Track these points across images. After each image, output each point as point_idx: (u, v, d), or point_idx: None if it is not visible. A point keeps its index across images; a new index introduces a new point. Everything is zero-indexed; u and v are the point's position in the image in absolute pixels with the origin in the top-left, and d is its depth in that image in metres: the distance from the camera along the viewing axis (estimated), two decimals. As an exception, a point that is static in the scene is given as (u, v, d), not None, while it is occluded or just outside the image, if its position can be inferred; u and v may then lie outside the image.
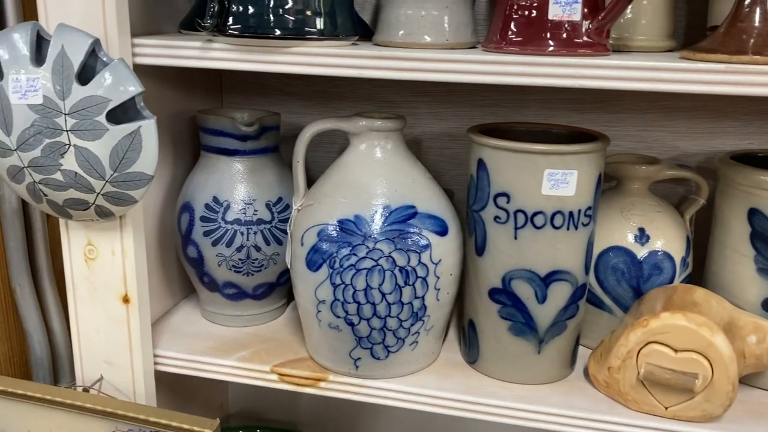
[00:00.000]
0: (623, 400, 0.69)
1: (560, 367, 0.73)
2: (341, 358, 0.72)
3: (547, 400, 0.69)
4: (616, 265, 0.75)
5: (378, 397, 0.72)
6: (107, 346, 0.73)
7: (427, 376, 0.73)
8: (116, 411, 0.68)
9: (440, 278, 0.70)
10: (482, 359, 0.74)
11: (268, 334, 0.81)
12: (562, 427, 0.68)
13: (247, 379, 0.75)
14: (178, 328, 0.82)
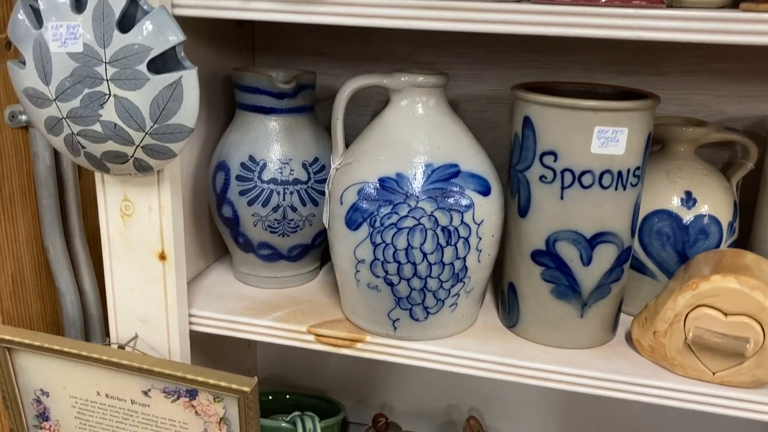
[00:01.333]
0: (669, 365, 0.67)
1: (602, 331, 0.72)
2: (379, 319, 0.71)
3: (590, 364, 0.68)
4: (661, 229, 0.73)
5: (416, 359, 0.71)
6: (142, 305, 0.72)
7: (465, 339, 0.72)
8: (153, 368, 0.68)
9: (482, 239, 0.68)
10: (522, 323, 0.72)
11: (302, 296, 0.80)
12: (606, 391, 0.67)
13: (283, 339, 0.74)
14: (212, 289, 0.81)
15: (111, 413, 0.73)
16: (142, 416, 0.72)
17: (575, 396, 1.01)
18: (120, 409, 0.72)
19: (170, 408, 0.71)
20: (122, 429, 0.74)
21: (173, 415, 0.71)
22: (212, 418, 0.70)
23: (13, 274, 0.79)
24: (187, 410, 0.70)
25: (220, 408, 0.69)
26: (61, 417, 0.75)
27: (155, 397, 0.70)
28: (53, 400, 0.74)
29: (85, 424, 0.75)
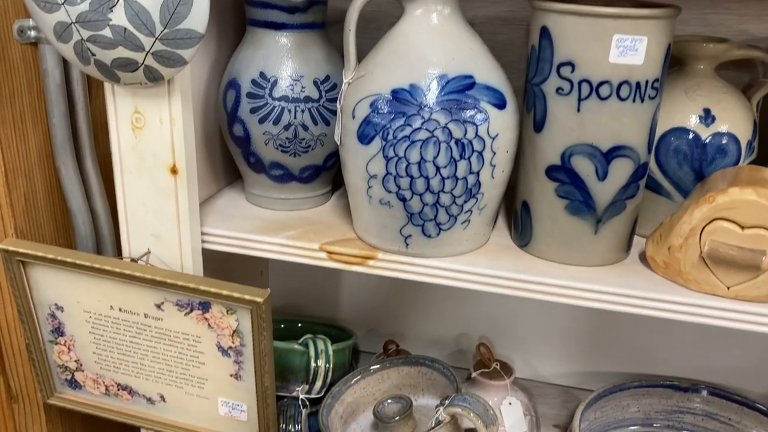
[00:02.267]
0: (683, 280, 0.67)
1: (616, 249, 0.71)
2: (391, 236, 0.71)
3: (603, 280, 0.68)
4: (678, 147, 0.72)
5: (428, 276, 0.71)
6: (154, 219, 0.72)
7: (478, 257, 0.72)
8: (165, 280, 0.68)
9: (496, 154, 0.67)
10: (535, 241, 0.72)
11: (314, 218, 0.80)
12: (620, 306, 0.67)
13: (295, 257, 0.74)
14: (224, 210, 0.81)
15: (124, 327, 0.74)
16: (155, 330, 0.73)
17: (585, 326, 1.01)
18: (133, 324, 0.73)
19: (183, 321, 0.71)
20: (136, 343, 0.74)
21: (186, 329, 0.71)
22: (225, 331, 0.70)
23: (26, 192, 0.79)
24: (200, 323, 0.71)
25: (233, 320, 0.69)
26: (76, 332, 0.76)
27: (168, 310, 0.71)
28: (67, 314, 0.75)
29: (99, 338, 0.75)
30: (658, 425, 0.94)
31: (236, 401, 0.75)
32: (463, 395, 0.79)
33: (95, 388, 0.79)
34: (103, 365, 0.77)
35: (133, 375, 0.77)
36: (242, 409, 0.75)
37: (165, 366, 0.75)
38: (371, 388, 0.92)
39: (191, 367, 0.74)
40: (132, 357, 0.75)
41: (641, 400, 0.94)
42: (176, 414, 0.78)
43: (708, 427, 0.93)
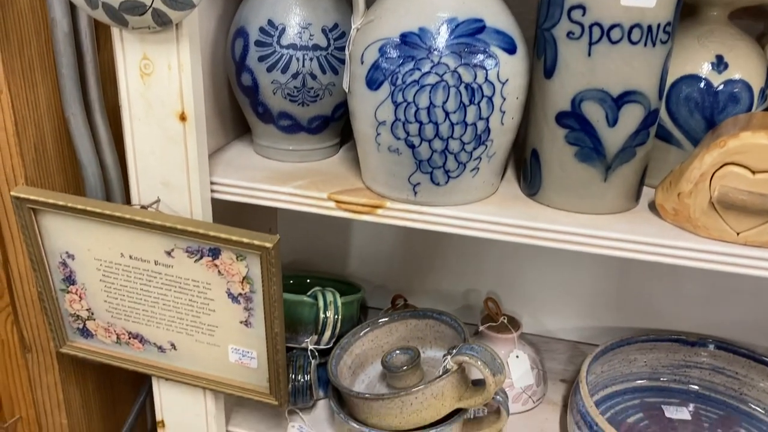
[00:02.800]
0: (692, 226, 0.66)
1: (625, 198, 0.71)
2: (400, 184, 0.71)
3: (612, 227, 0.68)
4: (689, 95, 0.71)
5: (436, 224, 0.71)
6: (164, 167, 0.72)
7: (486, 206, 0.72)
8: (175, 226, 0.68)
9: (506, 100, 0.67)
10: (544, 189, 0.72)
11: (323, 169, 0.80)
12: (628, 253, 0.67)
13: (304, 207, 0.74)
14: (233, 161, 0.81)
15: (135, 275, 0.74)
16: (166, 277, 0.73)
17: (592, 281, 1.01)
18: (144, 271, 0.74)
19: (193, 268, 0.72)
20: (146, 291, 0.75)
21: (196, 276, 0.72)
22: (235, 278, 0.71)
23: (36, 143, 0.79)
24: (210, 270, 0.71)
25: (242, 267, 0.70)
26: (87, 280, 0.76)
27: (178, 257, 0.71)
28: (78, 263, 0.75)
29: (110, 286, 0.76)
30: (665, 379, 0.95)
31: (246, 348, 0.75)
32: (470, 344, 0.79)
33: (107, 337, 0.80)
34: (114, 314, 0.78)
35: (144, 323, 0.77)
36: (252, 356, 0.76)
37: (175, 314, 0.75)
38: (379, 341, 0.93)
39: (201, 315, 0.74)
40: (143, 305, 0.76)
41: (648, 354, 0.95)
42: (187, 362, 0.79)
43: (715, 381, 0.94)
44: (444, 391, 0.79)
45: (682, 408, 0.92)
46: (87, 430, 0.95)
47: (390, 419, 0.79)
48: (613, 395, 0.93)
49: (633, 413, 0.90)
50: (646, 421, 0.89)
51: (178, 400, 0.84)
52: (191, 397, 0.83)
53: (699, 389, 0.94)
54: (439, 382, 0.78)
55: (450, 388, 0.79)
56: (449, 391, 0.80)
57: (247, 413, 0.90)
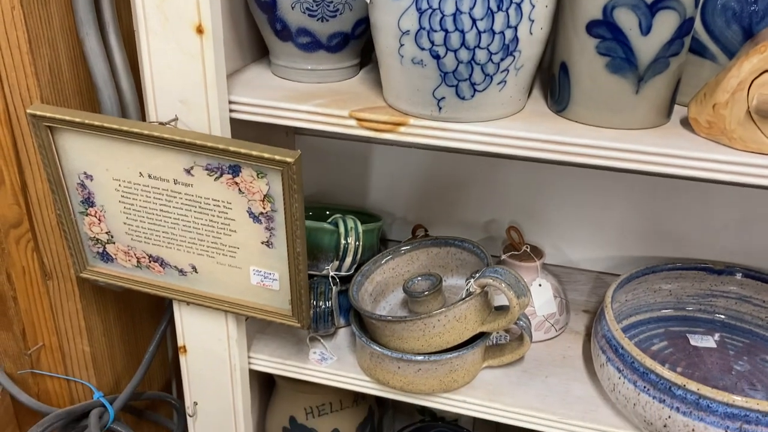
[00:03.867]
0: (727, 139, 0.64)
1: (657, 112, 0.68)
2: (423, 99, 0.68)
3: (642, 140, 0.65)
4: (726, 4, 0.68)
5: (461, 141, 0.69)
6: (181, 83, 0.70)
7: (513, 122, 0.69)
8: (195, 141, 0.67)
9: (535, 7, 0.64)
10: (574, 104, 0.69)
11: (343, 89, 0.78)
12: (660, 167, 0.65)
13: (325, 125, 0.72)
14: (251, 81, 0.79)
15: (154, 195, 0.73)
16: (186, 197, 0.72)
17: (618, 210, 0.99)
18: (163, 191, 0.73)
19: (213, 187, 0.70)
20: (166, 212, 0.74)
21: (216, 194, 0.71)
22: (256, 196, 0.70)
23: (50, 62, 0.77)
24: (230, 188, 0.70)
25: (263, 184, 0.69)
26: (106, 201, 0.76)
27: (198, 175, 0.70)
28: (97, 183, 0.74)
29: (129, 208, 0.75)
30: (691, 309, 0.94)
31: (268, 270, 0.75)
32: (494, 267, 0.78)
33: (127, 261, 0.80)
34: (134, 236, 0.77)
35: (164, 245, 0.77)
36: (274, 278, 0.75)
37: (196, 235, 0.74)
38: (400, 269, 0.92)
39: (222, 236, 0.74)
40: (162, 227, 0.75)
41: (674, 283, 0.93)
42: (208, 285, 0.78)
43: (741, 310, 0.92)
44: (467, 315, 0.78)
45: (707, 337, 0.91)
46: (109, 357, 0.96)
47: (412, 342, 0.79)
48: (637, 324, 0.92)
49: (657, 341, 0.89)
50: (671, 349, 0.88)
51: (199, 324, 0.84)
52: (213, 321, 0.83)
53: (725, 318, 0.93)
54: (462, 305, 0.77)
55: (473, 311, 0.79)
56: (472, 314, 0.79)
57: (269, 340, 0.90)
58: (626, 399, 0.75)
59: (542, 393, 0.82)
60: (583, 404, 0.81)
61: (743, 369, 0.85)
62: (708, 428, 0.69)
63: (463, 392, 0.82)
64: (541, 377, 0.85)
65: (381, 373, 0.82)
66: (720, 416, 0.68)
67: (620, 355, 0.76)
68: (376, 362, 0.82)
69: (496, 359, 0.85)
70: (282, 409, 0.99)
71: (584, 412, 0.80)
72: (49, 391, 0.96)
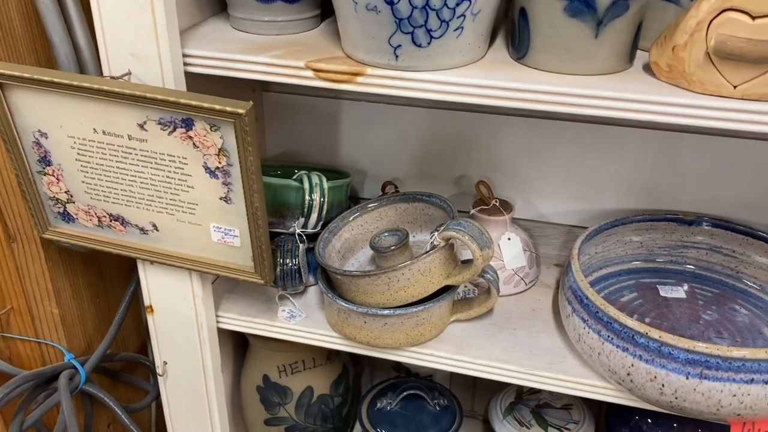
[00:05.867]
0: (687, 82, 0.63)
1: (618, 57, 0.67)
2: (380, 48, 0.67)
3: (602, 85, 0.64)
4: (689, -56, 0.67)
5: (419, 90, 0.68)
6: (132, 36, 0.68)
7: (472, 70, 0.68)
8: (145, 94, 0.65)
9: (490, -51, 0.62)
10: (533, 51, 0.68)
11: (301, 41, 0.76)
12: (620, 112, 0.63)
13: (280, 77, 0.71)
14: (208, 35, 0.77)
15: (110, 152, 0.72)
16: (141, 153, 0.71)
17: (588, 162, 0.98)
18: (118, 147, 0.71)
19: (167, 141, 0.69)
20: (123, 169, 0.73)
21: (172, 150, 0.70)
22: (211, 150, 0.68)
23: (1, 20, 0.75)
24: (184, 143, 0.69)
25: (217, 138, 0.67)
26: (62, 160, 0.74)
27: (151, 130, 0.69)
28: (52, 141, 0.73)
29: (86, 166, 0.74)
30: (661, 260, 0.93)
31: (228, 226, 0.74)
32: (458, 220, 0.78)
33: (88, 220, 0.79)
34: (93, 195, 0.76)
35: (124, 204, 0.76)
36: (235, 234, 0.74)
37: (154, 192, 0.73)
38: (369, 226, 0.92)
39: (180, 192, 0.73)
40: (120, 184, 0.74)
41: (644, 234, 0.93)
42: (170, 243, 0.78)
43: (712, 260, 0.92)
44: (431, 268, 0.78)
45: (677, 287, 0.90)
46: (79, 319, 0.96)
47: (377, 296, 0.78)
48: (607, 276, 0.92)
49: (627, 293, 0.89)
50: (640, 300, 0.88)
51: (164, 284, 0.83)
52: (178, 280, 0.82)
53: (695, 269, 0.92)
54: (426, 258, 0.77)
55: (437, 264, 0.78)
56: (437, 267, 0.78)
57: (238, 299, 0.90)
58: (591, 349, 0.75)
59: (510, 345, 0.82)
60: (550, 355, 0.81)
61: (711, 318, 0.85)
62: (669, 375, 0.69)
63: (430, 345, 0.82)
64: (510, 330, 0.85)
65: (348, 328, 0.81)
66: (681, 363, 0.68)
67: (585, 306, 0.75)
68: (343, 318, 0.81)
69: (464, 313, 0.85)
70: (255, 367, 0.99)
71: (551, 363, 0.80)
72: (21, 354, 0.96)
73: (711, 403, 0.69)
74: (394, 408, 0.95)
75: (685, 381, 0.68)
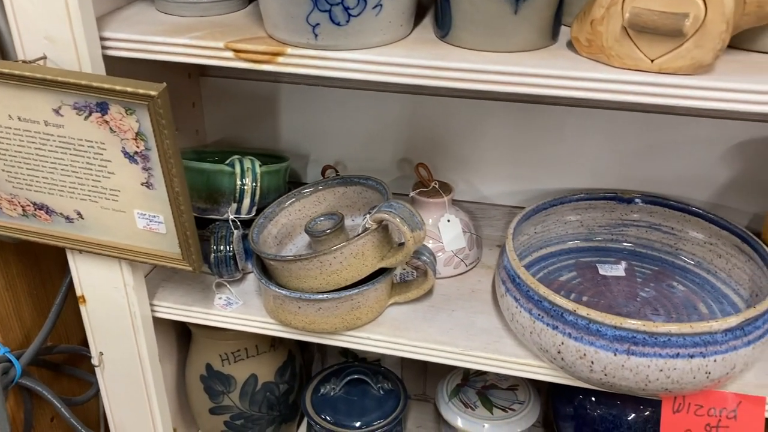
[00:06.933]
0: (605, 56, 0.62)
1: (539, 33, 0.66)
2: (299, 27, 0.66)
3: (522, 62, 0.63)
4: None
5: (339, 70, 0.67)
6: (45, 19, 0.66)
7: (394, 48, 0.67)
8: (56, 78, 0.64)
9: (404, -76, 0.61)
10: (455, 28, 0.67)
11: (226, 22, 0.75)
12: (538, 89, 0.63)
13: (200, 58, 0.69)
14: (130, 18, 0.75)
15: (28, 139, 0.70)
16: (59, 139, 0.69)
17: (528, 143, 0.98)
18: (35, 134, 0.69)
19: (84, 127, 0.67)
20: (42, 156, 0.71)
21: (89, 135, 0.68)
22: (128, 134, 0.67)
23: None
24: (101, 127, 0.67)
25: (133, 122, 0.66)
26: (-20, 148, 0.72)
27: (67, 115, 0.67)
28: (-33, 129, 0.71)
29: (5, 153, 0.72)
30: (601, 239, 0.93)
31: (152, 213, 0.72)
32: (389, 202, 0.77)
33: (12, 210, 0.77)
34: (15, 183, 0.74)
35: (47, 192, 0.74)
36: (159, 220, 0.73)
37: (75, 179, 0.72)
38: (307, 210, 0.91)
39: (102, 178, 0.71)
40: (41, 172, 0.72)
41: (584, 213, 0.93)
42: (96, 231, 0.76)
43: (651, 238, 0.92)
44: (364, 251, 0.77)
45: (617, 266, 0.90)
46: (15, 312, 0.94)
47: (310, 281, 0.77)
48: (547, 256, 0.91)
49: (566, 272, 0.89)
50: (579, 279, 0.88)
51: (95, 273, 0.82)
52: (107, 269, 0.81)
53: (635, 247, 0.92)
54: (359, 241, 0.76)
55: (370, 247, 0.77)
56: (370, 250, 0.78)
57: (174, 288, 0.89)
58: (523, 328, 0.75)
59: (447, 326, 0.82)
60: (487, 335, 0.81)
61: (648, 295, 0.85)
62: (598, 352, 0.69)
63: (367, 329, 0.82)
64: (448, 311, 0.85)
65: (283, 314, 0.81)
66: (609, 339, 0.68)
67: (517, 285, 0.75)
68: (279, 304, 0.80)
69: (402, 295, 0.84)
70: (198, 357, 0.98)
71: (486, 343, 0.79)
72: (-44, 349, 0.94)
73: (639, 378, 0.69)
74: (338, 393, 0.95)
75: (613, 357, 0.68)
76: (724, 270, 0.86)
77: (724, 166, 0.93)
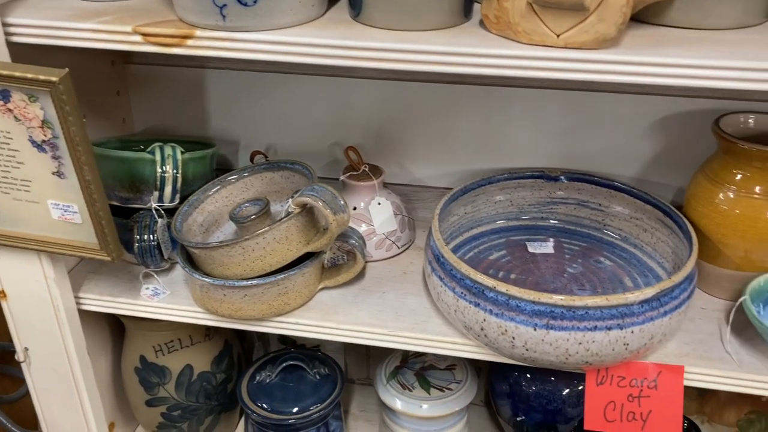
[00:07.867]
0: (513, 33, 0.63)
1: (451, 12, 0.66)
2: (206, 8, 0.64)
3: (432, 40, 0.63)
4: None
5: (248, 51, 0.65)
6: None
7: (305, 29, 0.66)
8: (-48, 66, 0.62)
9: None
10: (367, 7, 0.66)
11: (137, 6, 0.73)
12: (447, 66, 0.63)
13: (108, 43, 0.68)
14: (38, 3, 0.73)
15: (-70, 130, 0.68)
16: (-38, 129, 0.67)
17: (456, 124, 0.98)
18: (-63, 124, 0.67)
19: (-13, 116, 0.66)
20: (-54, 147, 0.69)
21: (-7, 124, 0.66)
22: (33, 122, 0.65)
23: None
24: (5, 116, 0.65)
25: (38, 109, 0.64)
26: None
27: (-32, 104, 0.65)
28: None
29: None
30: (530, 218, 0.94)
31: (66, 202, 0.71)
32: (312, 186, 0.76)
33: None
34: None
35: (-45, 185, 0.72)
36: (74, 210, 0.71)
37: (-16, 171, 0.70)
38: (235, 197, 0.90)
39: (11, 169, 0.69)
40: (-52, 164, 0.70)
41: (513, 193, 0.93)
42: (11, 223, 0.74)
43: (580, 215, 0.93)
44: (288, 236, 0.76)
45: (545, 243, 0.91)
46: (-64, 311, 0.91)
47: (234, 268, 0.77)
48: (478, 236, 0.92)
49: (496, 251, 0.90)
50: (508, 257, 0.89)
51: (14, 266, 0.80)
52: (27, 262, 0.79)
53: (564, 224, 0.94)
54: (281, 226, 0.75)
55: (295, 231, 0.77)
56: (294, 235, 0.77)
57: (101, 279, 0.87)
58: (448, 306, 0.75)
59: (377, 308, 0.82)
60: (415, 316, 0.81)
61: (576, 271, 0.87)
62: (519, 327, 0.69)
63: (297, 314, 0.81)
64: (379, 293, 0.85)
65: (209, 302, 0.80)
66: (528, 314, 0.69)
67: (441, 264, 0.75)
68: (204, 292, 0.79)
69: (332, 279, 0.84)
70: (132, 349, 0.96)
71: (415, 323, 0.80)
72: None
73: (559, 352, 0.70)
74: (274, 380, 0.94)
75: (533, 332, 0.69)
76: (649, 244, 0.87)
77: (647, 142, 0.95)
